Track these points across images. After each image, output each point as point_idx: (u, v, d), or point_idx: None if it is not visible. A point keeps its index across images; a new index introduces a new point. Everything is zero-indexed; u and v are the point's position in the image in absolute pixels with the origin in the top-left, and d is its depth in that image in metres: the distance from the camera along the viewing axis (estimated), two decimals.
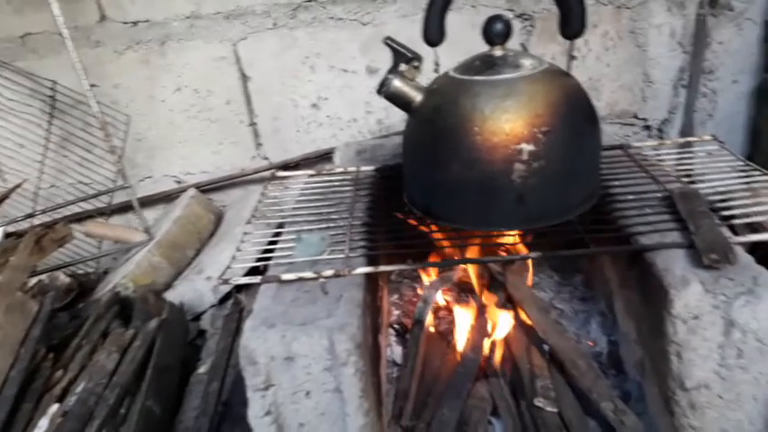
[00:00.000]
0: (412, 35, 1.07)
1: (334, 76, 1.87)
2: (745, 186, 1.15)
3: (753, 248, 1.24)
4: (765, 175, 1.15)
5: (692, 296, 0.89)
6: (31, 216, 1.78)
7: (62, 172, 1.87)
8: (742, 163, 1.22)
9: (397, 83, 1.05)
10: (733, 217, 1.06)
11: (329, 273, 0.98)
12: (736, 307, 0.88)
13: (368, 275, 1.04)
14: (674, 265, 0.94)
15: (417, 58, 1.05)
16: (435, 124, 1.01)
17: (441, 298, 1.41)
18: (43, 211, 1.79)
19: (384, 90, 1.05)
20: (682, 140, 1.42)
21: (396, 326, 1.38)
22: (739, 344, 0.89)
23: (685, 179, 1.19)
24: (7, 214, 1.78)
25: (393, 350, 1.32)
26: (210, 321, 1.59)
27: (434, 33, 1.05)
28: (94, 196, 1.80)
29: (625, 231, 1.03)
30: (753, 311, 0.87)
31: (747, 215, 1.05)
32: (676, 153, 1.40)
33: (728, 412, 0.94)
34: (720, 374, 0.92)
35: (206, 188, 1.97)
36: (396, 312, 1.44)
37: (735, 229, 1.08)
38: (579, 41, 1.82)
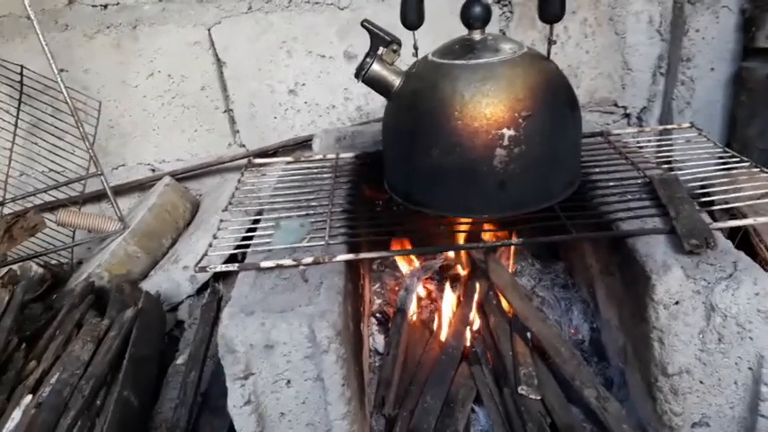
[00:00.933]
0: (390, 20, 1.05)
1: (311, 61, 1.84)
2: (723, 173, 1.16)
3: (732, 234, 1.26)
4: (743, 161, 1.16)
5: (673, 282, 0.89)
6: (0, 204, 1.72)
7: (32, 159, 1.82)
8: (720, 150, 1.22)
9: (375, 67, 1.03)
10: (712, 203, 1.07)
11: (309, 260, 0.96)
12: (717, 292, 0.88)
13: (349, 263, 1.02)
14: (655, 250, 0.94)
15: (396, 41, 1.03)
16: (415, 109, 1.00)
17: (423, 286, 1.40)
18: (13, 200, 1.74)
19: (362, 74, 1.03)
20: (661, 128, 1.43)
21: (378, 315, 1.37)
22: (720, 329, 0.90)
23: (665, 166, 1.19)
24: None
25: (375, 339, 1.31)
26: (188, 311, 1.56)
27: (413, 17, 1.04)
28: (66, 184, 1.75)
29: (606, 217, 1.03)
30: (733, 296, 0.88)
31: (726, 201, 1.06)
32: (656, 140, 1.41)
33: (709, 397, 0.95)
34: (701, 359, 0.92)
35: (181, 176, 1.92)
36: (378, 301, 1.42)
37: (714, 215, 1.09)
38: (558, 28, 1.82)
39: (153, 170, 1.95)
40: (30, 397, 1.11)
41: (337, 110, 1.91)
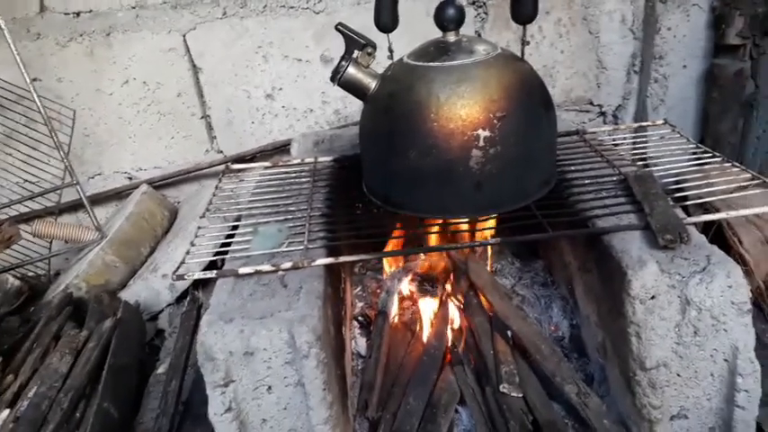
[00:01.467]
0: (365, 23, 1.05)
1: (288, 65, 1.83)
2: (696, 168, 1.17)
3: (706, 228, 1.28)
4: (716, 156, 1.18)
5: (648, 276, 0.90)
6: None
7: (6, 170, 1.79)
8: (693, 146, 1.24)
9: (351, 70, 1.03)
10: (686, 198, 1.09)
11: (288, 265, 0.96)
12: (692, 285, 0.89)
13: (329, 268, 1.02)
14: (630, 246, 0.95)
15: (371, 44, 1.03)
16: (391, 111, 1.00)
17: (404, 288, 1.41)
18: None
19: (338, 78, 1.03)
20: (636, 125, 1.45)
21: (360, 318, 1.37)
22: (695, 322, 0.91)
23: (640, 163, 1.21)
24: None
25: (357, 342, 1.31)
26: (168, 320, 1.55)
27: (387, 20, 1.04)
28: (41, 194, 1.73)
29: (582, 215, 1.04)
30: (707, 289, 0.89)
31: (700, 196, 1.08)
32: (631, 137, 1.43)
33: (687, 390, 0.96)
34: (678, 353, 0.93)
35: (159, 184, 1.91)
36: (359, 304, 1.42)
37: (688, 210, 1.10)
38: (533, 28, 1.84)
39: (130, 178, 1.93)
40: (7, 411, 1.10)
41: (315, 114, 1.91)
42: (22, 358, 1.24)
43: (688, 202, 1.08)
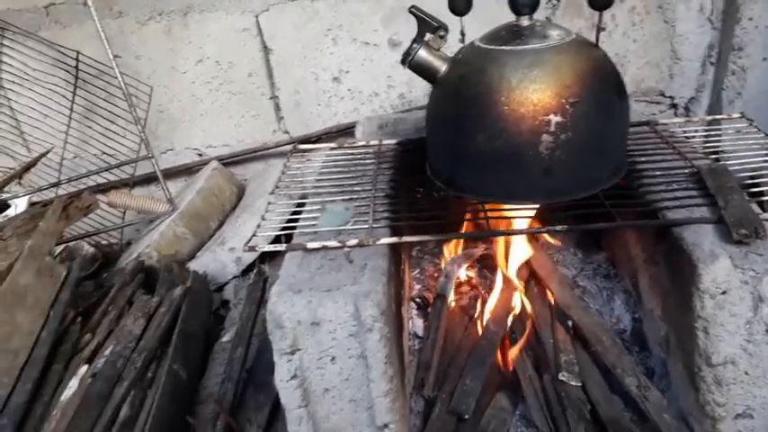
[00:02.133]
0: (438, 6, 1.05)
1: (355, 48, 1.85)
2: None
3: None
4: None
5: (720, 271, 0.88)
6: (55, 185, 1.80)
7: (86, 142, 1.89)
8: None
9: (422, 53, 1.04)
10: (762, 194, 1.05)
11: (354, 242, 0.98)
12: (766, 282, 0.87)
13: (392, 247, 1.04)
14: (702, 239, 0.93)
15: (443, 27, 1.04)
16: (461, 94, 1.01)
17: (463, 273, 1.41)
18: (68, 181, 1.81)
19: (409, 60, 1.04)
20: (709, 118, 1.40)
21: (417, 300, 1.39)
22: (767, 319, 0.88)
23: (713, 156, 1.17)
24: (33, 183, 1.80)
25: (414, 323, 1.33)
26: (233, 292, 1.60)
27: (461, 3, 1.03)
28: (117, 166, 1.81)
29: (652, 206, 1.02)
30: None
31: None
32: (704, 130, 1.38)
33: (754, 389, 0.94)
34: (747, 350, 0.91)
35: (227, 161, 1.97)
36: (417, 287, 1.44)
37: (764, 206, 1.06)
38: (606, 16, 1.78)
39: (200, 155, 2.00)
40: (85, 367, 1.17)
41: (380, 97, 1.92)
42: (98, 320, 1.31)
43: (765, 198, 1.05)
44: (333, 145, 1.43)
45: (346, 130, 1.91)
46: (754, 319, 0.89)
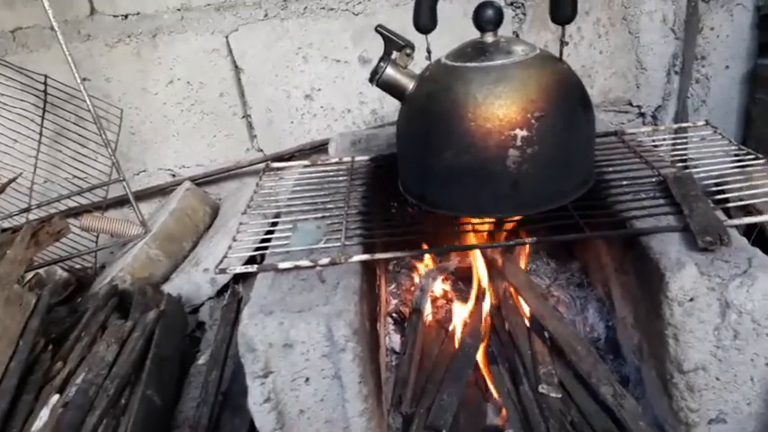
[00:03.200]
0: (404, 25, 1.07)
1: (327, 66, 1.86)
2: (738, 170, 1.16)
3: (748, 231, 1.25)
4: (758, 158, 1.16)
5: (687, 278, 0.90)
6: (26, 210, 1.77)
7: (56, 166, 1.86)
8: (735, 147, 1.22)
9: (389, 71, 1.05)
10: (727, 200, 1.07)
11: (326, 261, 0.98)
12: (732, 288, 0.88)
13: (365, 264, 1.04)
14: (669, 248, 0.95)
15: (409, 45, 1.05)
16: (429, 111, 1.02)
17: (438, 287, 1.42)
18: (38, 206, 1.78)
19: (377, 78, 1.05)
20: (676, 126, 1.43)
21: (394, 315, 1.39)
22: (735, 325, 0.90)
23: (680, 164, 1.20)
24: (2, 209, 1.77)
25: (392, 338, 1.33)
26: (209, 313, 1.59)
27: (426, 21, 1.05)
28: (89, 190, 1.79)
29: (620, 216, 1.04)
30: (748, 293, 0.88)
31: (741, 198, 1.06)
32: (671, 139, 1.41)
33: (726, 394, 0.95)
34: (717, 356, 0.92)
35: (201, 181, 1.96)
36: (393, 302, 1.44)
37: (729, 212, 1.09)
38: (571, 28, 1.83)
39: (173, 175, 1.99)
40: (57, 396, 1.14)
41: (352, 114, 1.93)
42: (70, 346, 1.29)
43: (729, 204, 1.07)
44: (306, 162, 1.44)
45: (319, 147, 1.91)
46: (722, 325, 0.91)
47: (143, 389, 1.14)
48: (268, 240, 1.09)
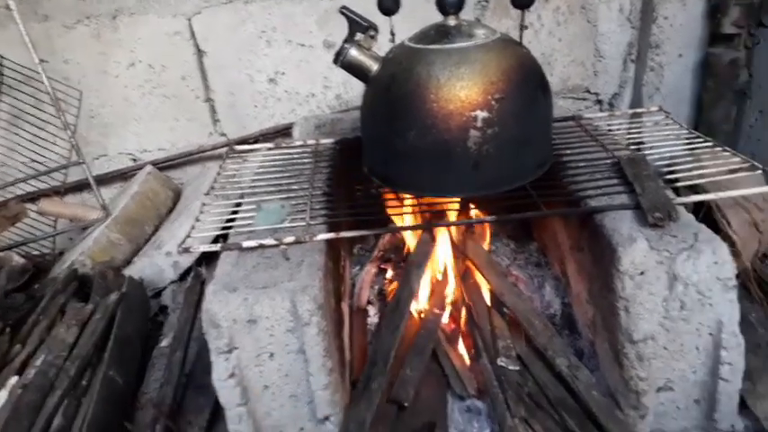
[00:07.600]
0: (368, 8, 1.08)
1: (291, 50, 1.86)
2: (688, 153, 1.21)
3: (695, 210, 1.31)
4: (707, 142, 1.21)
5: (638, 253, 0.94)
6: None
7: (13, 150, 1.82)
8: (686, 132, 1.28)
9: (353, 52, 1.06)
10: (677, 180, 1.12)
11: (290, 239, 0.99)
12: (679, 262, 0.93)
13: (329, 243, 1.06)
14: (621, 225, 0.99)
15: (373, 27, 1.06)
16: (392, 92, 1.03)
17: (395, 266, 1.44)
18: None
19: (341, 59, 1.06)
20: (631, 111, 1.48)
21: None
22: (682, 296, 0.95)
23: (633, 147, 1.24)
24: None
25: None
26: (171, 297, 1.58)
27: (390, 2, 1.06)
28: (47, 173, 1.76)
29: (576, 195, 1.08)
30: (694, 265, 0.93)
31: (690, 178, 1.11)
32: (626, 124, 1.46)
33: (673, 362, 1.00)
34: (665, 326, 0.97)
35: (163, 165, 1.94)
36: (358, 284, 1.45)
37: (678, 191, 1.13)
38: (532, 16, 1.87)
39: (134, 160, 1.96)
40: (15, 378, 1.13)
41: (317, 98, 1.93)
42: (28, 330, 1.27)
43: (679, 184, 1.12)
44: (270, 145, 1.44)
45: (284, 132, 1.91)
46: (670, 297, 0.95)
47: (105, 369, 1.14)
48: (232, 221, 1.09)
